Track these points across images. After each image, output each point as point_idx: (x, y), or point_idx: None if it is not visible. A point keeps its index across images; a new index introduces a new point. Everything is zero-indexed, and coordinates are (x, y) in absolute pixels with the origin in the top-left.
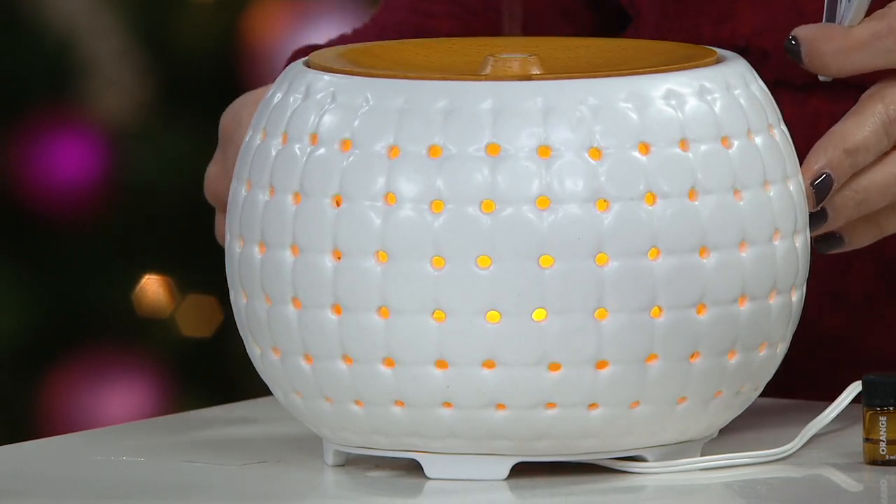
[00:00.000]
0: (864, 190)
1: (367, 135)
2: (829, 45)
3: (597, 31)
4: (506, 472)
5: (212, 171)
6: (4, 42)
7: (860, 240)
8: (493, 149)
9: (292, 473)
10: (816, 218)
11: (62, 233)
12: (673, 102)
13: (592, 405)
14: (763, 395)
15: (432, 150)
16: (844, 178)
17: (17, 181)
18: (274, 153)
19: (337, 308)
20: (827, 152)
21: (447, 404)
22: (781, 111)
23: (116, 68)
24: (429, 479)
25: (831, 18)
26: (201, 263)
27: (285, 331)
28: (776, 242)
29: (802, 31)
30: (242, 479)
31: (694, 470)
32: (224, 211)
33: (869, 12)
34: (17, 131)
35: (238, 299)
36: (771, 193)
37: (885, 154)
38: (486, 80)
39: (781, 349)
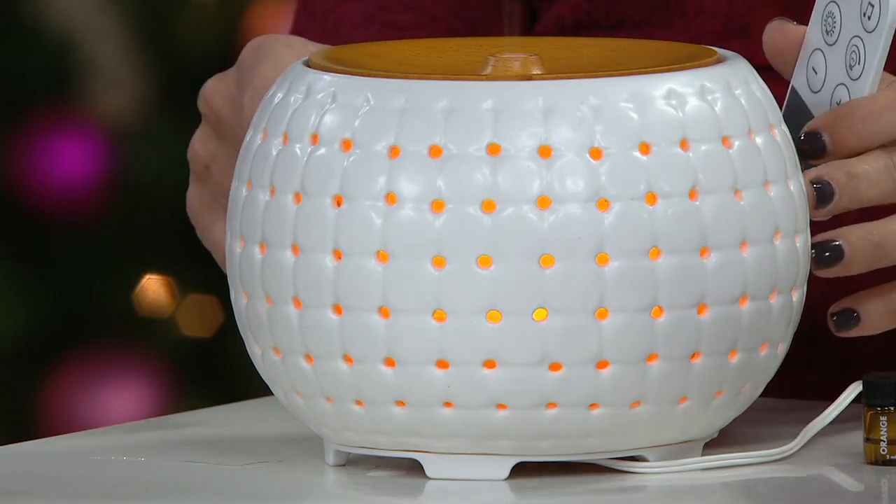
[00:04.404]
0: (880, 234)
1: (367, 135)
2: (857, 115)
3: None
4: (506, 472)
5: (215, 84)
6: (6, 42)
7: (873, 320)
8: (493, 149)
9: (293, 473)
10: (832, 257)
11: (63, 233)
12: (674, 102)
13: (593, 405)
14: (763, 394)
15: (433, 150)
16: (847, 199)
17: (18, 181)
18: (275, 153)
19: (338, 308)
20: (828, 168)
21: (448, 404)
22: None
23: (117, 68)
24: (429, 479)
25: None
26: (202, 263)
27: (286, 331)
28: (777, 242)
29: (819, 120)
30: (243, 479)
31: (695, 470)
32: (210, 123)
33: None
34: (18, 131)
35: (239, 299)
36: (772, 193)
37: None
38: (487, 79)
39: (782, 349)
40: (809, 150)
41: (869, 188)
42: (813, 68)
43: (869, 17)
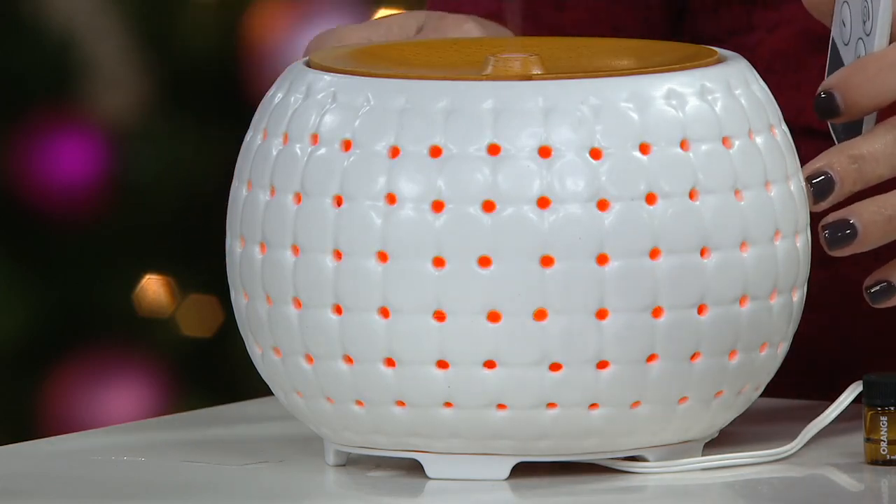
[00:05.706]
0: (893, 206)
1: (367, 135)
2: (865, 73)
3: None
4: (507, 472)
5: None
6: (6, 42)
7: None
8: (493, 149)
9: (293, 473)
10: (846, 237)
11: (62, 233)
12: (674, 102)
13: (593, 405)
14: (764, 394)
15: (433, 150)
16: (851, 183)
17: (18, 181)
18: (275, 153)
19: (338, 308)
20: (830, 155)
21: (448, 404)
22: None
23: (117, 68)
24: (430, 478)
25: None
26: (202, 263)
27: (286, 331)
28: (777, 242)
29: (832, 80)
30: (243, 478)
31: (695, 470)
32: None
33: None
34: (18, 131)
35: (239, 299)
36: (772, 193)
37: None
38: (487, 79)
39: (782, 349)
40: (825, 110)
41: (876, 166)
42: (843, 21)
43: None
